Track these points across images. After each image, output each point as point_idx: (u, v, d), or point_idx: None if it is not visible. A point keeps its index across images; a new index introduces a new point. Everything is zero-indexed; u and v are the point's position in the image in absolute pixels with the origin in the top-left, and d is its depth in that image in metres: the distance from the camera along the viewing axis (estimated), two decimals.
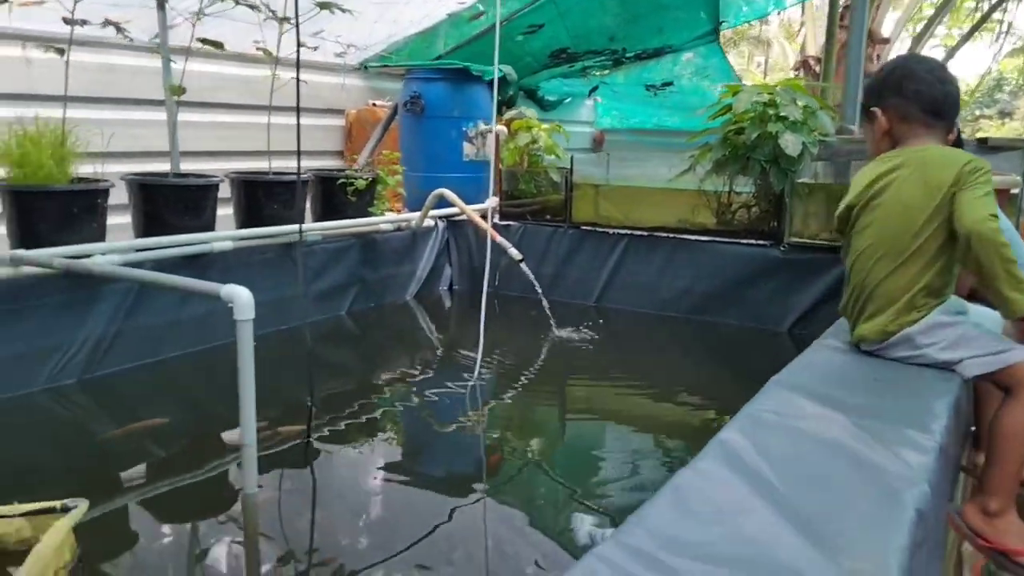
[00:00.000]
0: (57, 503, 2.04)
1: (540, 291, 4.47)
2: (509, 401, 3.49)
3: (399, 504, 2.55)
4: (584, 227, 5.11)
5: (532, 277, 4.48)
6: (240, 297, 2.32)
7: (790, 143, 4.12)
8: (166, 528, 2.36)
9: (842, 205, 2.57)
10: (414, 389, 3.58)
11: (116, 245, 3.43)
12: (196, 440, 3.01)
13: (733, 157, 4.44)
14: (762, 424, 1.91)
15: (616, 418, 3.36)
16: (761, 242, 4.57)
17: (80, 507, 2.02)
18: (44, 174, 3.22)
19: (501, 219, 5.39)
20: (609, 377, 3.93)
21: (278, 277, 4.31)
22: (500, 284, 5.41)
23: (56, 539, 1.88)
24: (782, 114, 4.20)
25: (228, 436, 2.90)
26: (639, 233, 4.92)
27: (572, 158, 5.11)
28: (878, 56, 9.88)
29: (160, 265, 3.60)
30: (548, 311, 4.45)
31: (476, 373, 3.57)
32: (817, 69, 9.73)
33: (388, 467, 2.81)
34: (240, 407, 2.38)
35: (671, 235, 4.83)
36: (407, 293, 5.27)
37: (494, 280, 5.47)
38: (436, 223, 5.35)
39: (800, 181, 4.42)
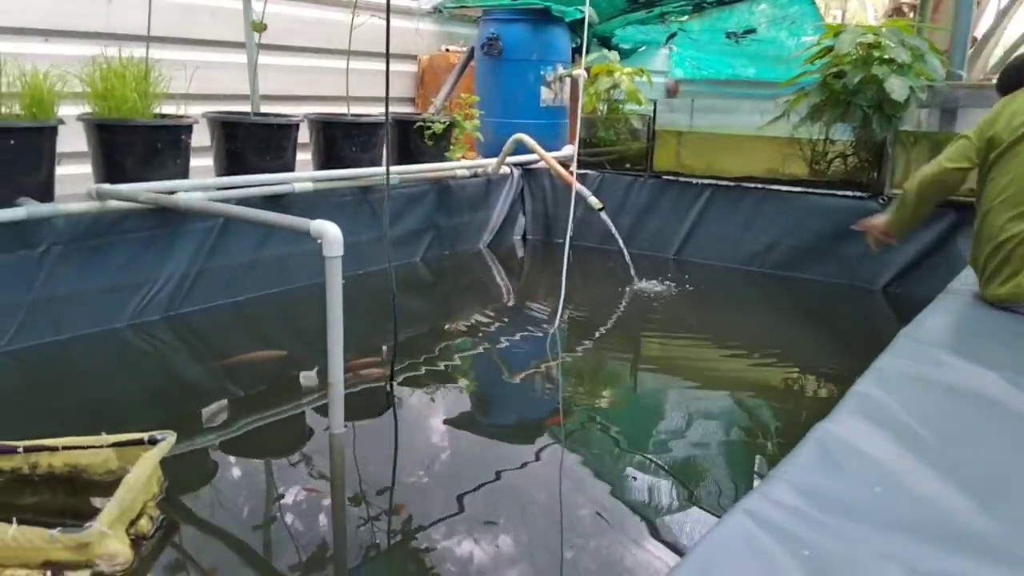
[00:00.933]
0: (145, 435, 2.00)
1: (621, 241, 4.30)
2: (584, 352, 3.37)
3: (470, 450, 2.46)
4: (665, 176, 4.92)
5: (612, 226, 4.32)
6: (329, 233, 2.24)
7: (896, 87, 3.85)
8: (250, 464, 2.32)
9: (983, 134, 2.35)
10: (489, 337, 3.49)
11: (200, 182, 3.40)
12: (277, 379, 2.97)
13: (832, 102, 4.18)
14: (901, 378, 1.75)
15: (692, 374, 3.16)
16: (858, 194, 4.32)
17: (168, 439, 1.98)
18: (128, 108, 3.17)
19: (578, 168, 5.20)
20: (688, 332, 3.75)
21: (355, 221, 4.24)
22: (575, 235, 5.26)
23: (145, 471, 1.84)
24: (888, 56, 3.93)
25: (304, 378, 2.85)
26: (724, 183, 4.71)
27: (656, 103, 4.89)
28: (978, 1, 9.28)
29: (241, 204, 3.55)
30: (629, 261, 4.29)
31: (556, 322, 3.45)
32: (911, 16, 9.19)
33: (461, 414, 2.73)
34: (328, 347, 2.30)
35: (759, 185, 4.61)
36: (481, 241, 5.17)
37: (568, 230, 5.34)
38: (511, 171, 5.21)
39: (904, 129, 4.15)
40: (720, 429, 2.64)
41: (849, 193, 4.35)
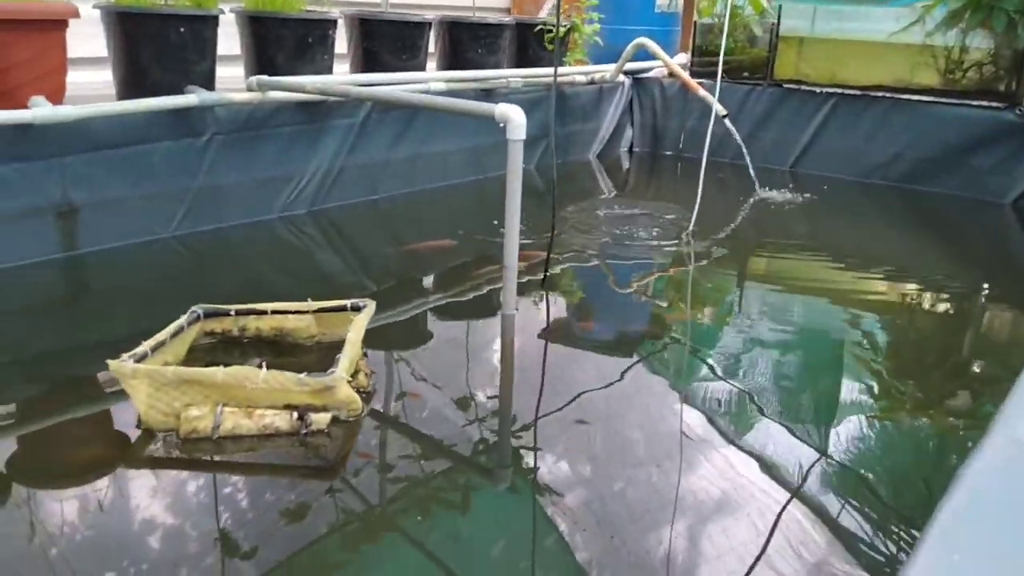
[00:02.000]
0: (347, 302, 2.12)
1: (744, 147, 4.25)
2: (709, 260, 3.26)
3: (582, 358, 2.37)
4: (786, 85, 4.81)
5: (736, 134, 4.27)
6: (514, 117, 2.28)
7: None
8: (428, 339, 2.43)
9: None
10: (605, 245, 3.42)
11: (346, 77, 3.46)
12: (443, 266, 3.07)
13: (973, 7, 4.02)
14: None
15: (809, 290, 3.05)
16: (993, 104, 4.18)
17: (370, 306, 2.09)
18: (281, 1, 3.23)
19: (692, 77, 5.12)
20: (812, 244, 3.64)
21: (478, 124, 4.27)
22: (685, 146, 5.23)
23: (359, 331, 1.95)
24: None
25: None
26: (850, 92, 4.59)
27: (780, 7, 4.75)
28: None
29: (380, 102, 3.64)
30: (751, 169, 4.24)
31: (691, 226, 3.45)
32: None
33: (572, 321, 2.68)
34: (505, 229, 2.38)
35: (886, 95, 4.48)
36: (590, 151, 5.17)
37: (677, 142, 5.30)
38: (623, 79, 5.16)
39: None
40: (832, 346, 2.54)
41: (984, 103, 4.20)
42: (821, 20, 4.76)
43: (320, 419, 1.72)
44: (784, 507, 1.58)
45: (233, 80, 3.40)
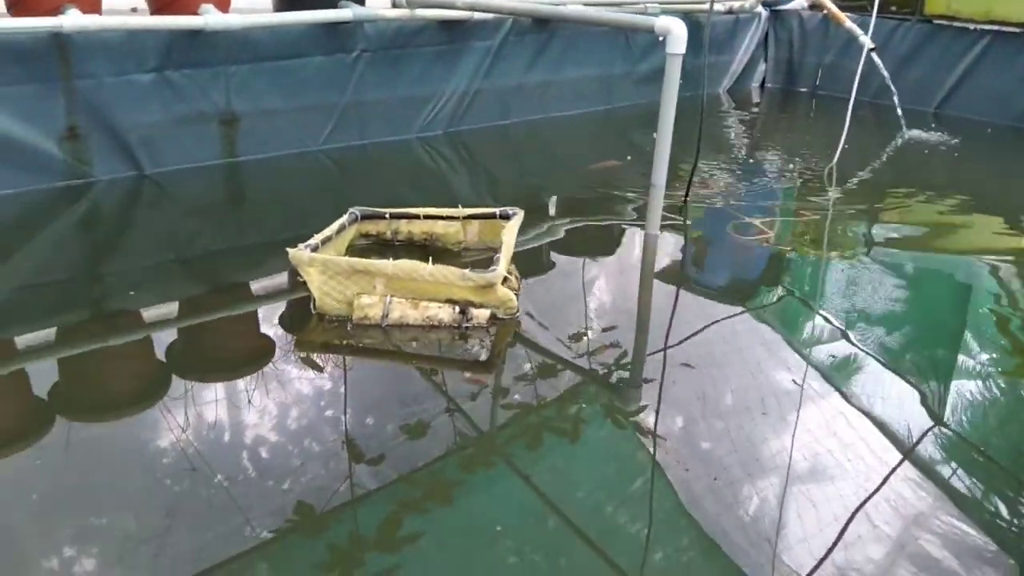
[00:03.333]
0: (496, 210, 2.19)
1: (893, 86, 4.05)
2: (841, 206, 3.10)
3: (700, 287, 2.36)
4: (937, 20, 4.53)
5: (884, 70, 4.06)
6: (675, 30, 2.26)
7: None
8: (574, 259, 2.48)
9: None
10: (746, 178, 3.37)
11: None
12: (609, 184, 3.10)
13: None
14: None
15: (938, 237, 2.86)
16: None
17: (520, 214, 2.15)
18: None
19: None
20: (952, 192, 3.32)
21: (610, 53, 4.24)
22: (822, 84, 5.03)
23: (511, 237, 2.02)
24: None
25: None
26: (1008, 30, 4.28)
27: None
28: None
29: (517, 23, 3.67)
30: (899, 107, 4.05)
31: (835, 159, 3.33)
32: None
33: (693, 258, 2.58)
34: (656, 148, 2.39)
35: None
36: (720, 85, 5.05)
37: (815, 79, 5.10)
38: (760, 11, 4.97)
39: None
40: (963, 301, 2.40)
41: None
42: None
43: (480, 315, 1.80)
44: (894, 469, 1.50)
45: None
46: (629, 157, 3.43)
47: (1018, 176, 3.73)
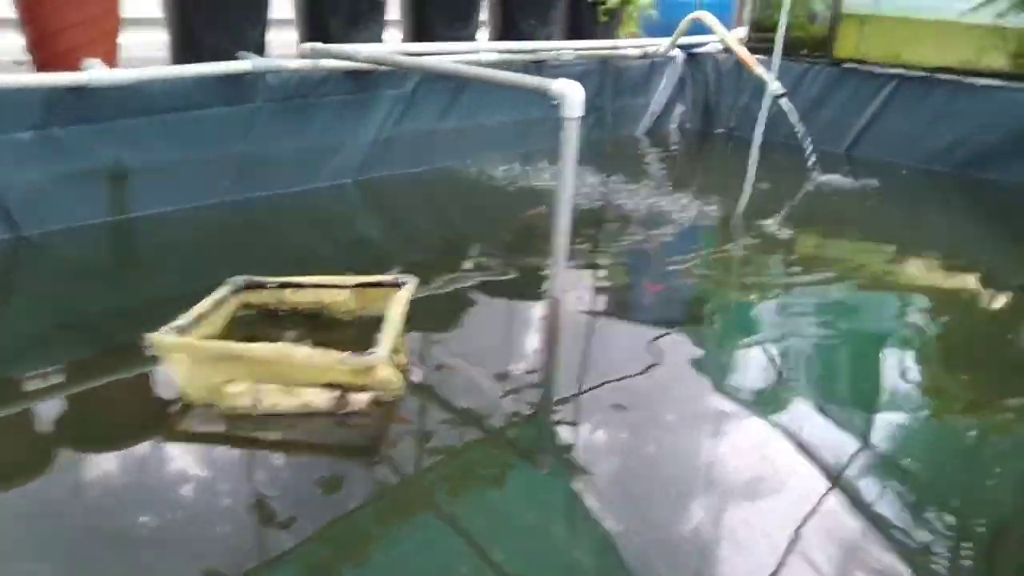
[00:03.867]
0: (388, 277, 2.11)
1: (802, 129, 4.10)
2: (755, 245, 3.18)
3: (614, 334, 2.40)
4: (846, 64, 4.64)
5: (794, 114, 4.12)
6: (570, 94, 2.23)
7: None
8: (479, 311, 2.41)
9: None
10: (653, 226, 3.32)
11: (397, 47, 3.43)
12: (452, 248, 3.06)
13: None
14: None
15: (855, 276, 2.92)
16: None
17: (413, 282, 2.07)
18: None
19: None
20: (864, 230, 3.49)
21: (527, 96, 4.21)
22: (736, 125, 5.10)
23: (401, 309, 1.94)
24: None
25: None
26: (913, 74, 4.41)
27: None
28: None
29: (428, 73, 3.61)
30: (810, 151, 4.10)
31: (743, 204, 3.36)
32: None
33: (605, 307, 2.59)
34: (554, 211, 2.34)
35: (952, 77, 4.30)
36: (639, 128, 5.07)
37: (729, 120, 5.17)
38: (677, 54, 5.03)
39: None
40: (881, 337, 2.45)
41: None
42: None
43: (359, 399, 1.72)
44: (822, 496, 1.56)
45: (283, 45, 3.39)
46: (544, 207, 3.39)
47: (928, 217, 3.83)
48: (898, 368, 2.22)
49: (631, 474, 1.63)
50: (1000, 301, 2.84)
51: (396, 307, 1.92)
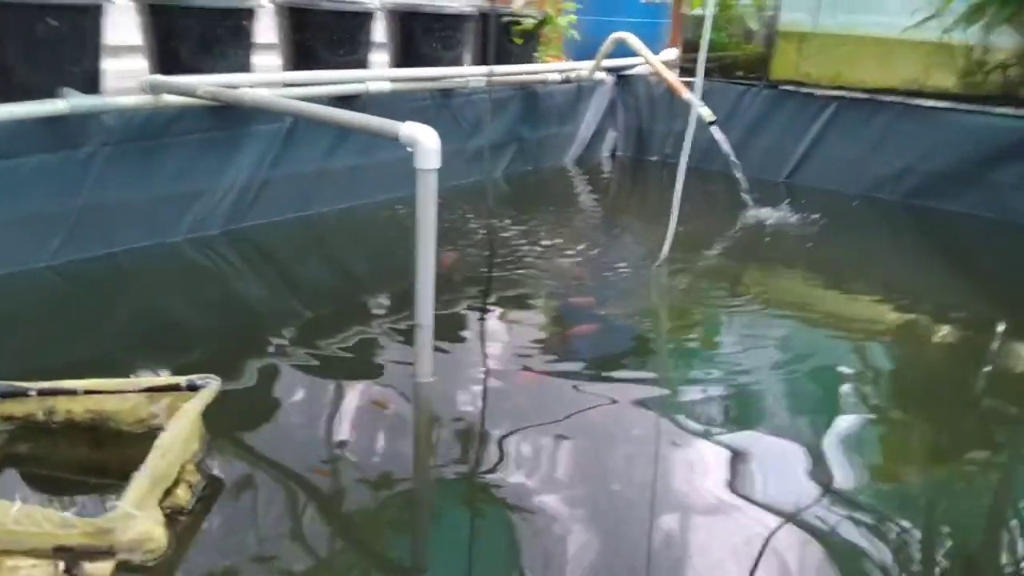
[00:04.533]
0: (183, 380, 1.65)
1: (734, 158, 3.75)
2: (683, 289, 2.90)
3: (546, 390, 2.10)
4: (784, 87, 4.31)
5: (726, 143, 3.76)
6: (424, 140, 1.81)
7: None
8: (317, 405, 1.97)
9: None
10: (578, 267, 3.02)
11: (264, 77, 2.99)
12: (346, 310, 2.62)
13: (999, 1, 3.51)
14: None
15: (805, 318, 2.70)
16: (1020, 112, 3.67)
17: (212, 386, 1.61)
18: None
19: (680, 75, 4.62)
20: (805, 268, 3.19)
21: (433, 128, 3.79)
22: (671, 152, 4.73)
23: (182, 428, 1.48)
24: None
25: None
26: (854, 96, 4.09)
27: None
28: None
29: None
30: (744, 183, 3.74)
31: (665, 250, 2.97)
32: None
33: (541, 351, 2.30)
34: (416, 279, 1.91)
35: (896, 99, 3.98)
36: (567, 157, 4.68)
37: (663, 147, 4.80)
38: (605, 77, 4.66)
39: None
40: (826, 381, 2.23)
41: (1008, 111, 3.70)
42: (826, 13, 4.24)
43: (97, 569, 1.25)
44: None
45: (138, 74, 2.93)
46: (454, 253, 2.98)
47: (872, 250, 3.49)
48: (851, 409, 2.08)
49: None
50: (953, 338, 2.59)
51: (174, 428, 1.47)
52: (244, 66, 2.99)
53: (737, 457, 1.79)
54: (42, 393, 1.63)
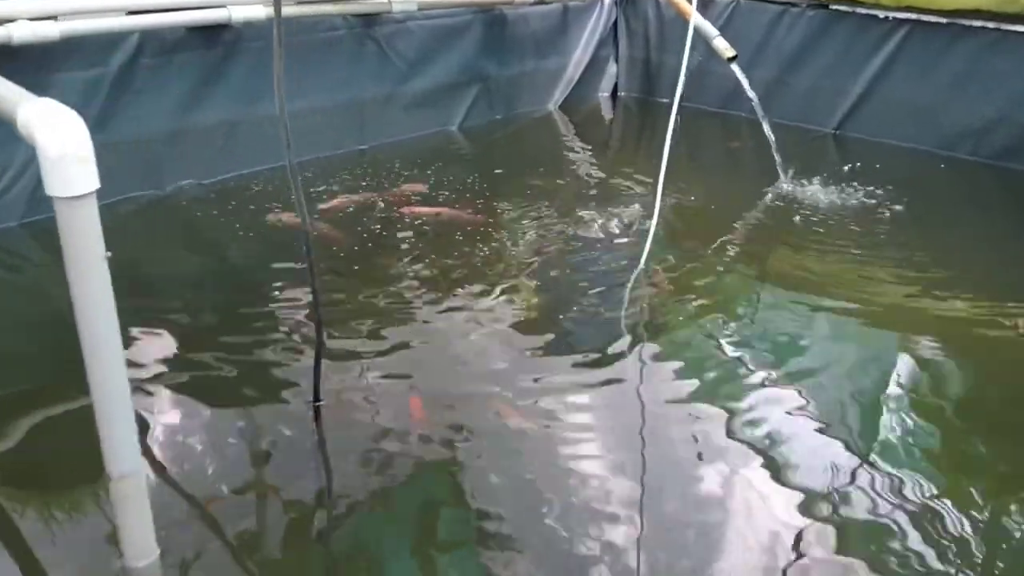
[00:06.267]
0: None
1: (763, 113, 2.81)
2: (687, 278, 2.15)
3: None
4: (835, 5, 3.26)
5: (747, 85, 2.82)
6: (54, 131, 0.88)
7: None
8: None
9: None
10: (553, 252, 2.28)
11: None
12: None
13: None
14: None
15: (849, 311, 2.05)
16: None
17: None
18: None
19: None
20: (850, 251, 2.35)
21: (352, 68, 2.87)
22: (688, 92, 3.69)
23: None
24: None
25: None
26: (929, 19, 3.05)
27: None
28: None
29: (152, 36, 2.27)
30: (773, 144, 2.77)
31: (647, 245, 2.09)
32: None
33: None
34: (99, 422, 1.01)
35: (987, 24, 2.94)
36: (550, 100, 3.74)
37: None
38: None
39: None
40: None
41: None
42: None
43: None
44: None
45: None
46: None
47: (951, 226, 2.59)
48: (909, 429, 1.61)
49: None
50: None
51: None
52: None
53: None
54: None
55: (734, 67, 2.80)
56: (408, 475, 1.39)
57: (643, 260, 2.10)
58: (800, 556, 1.25)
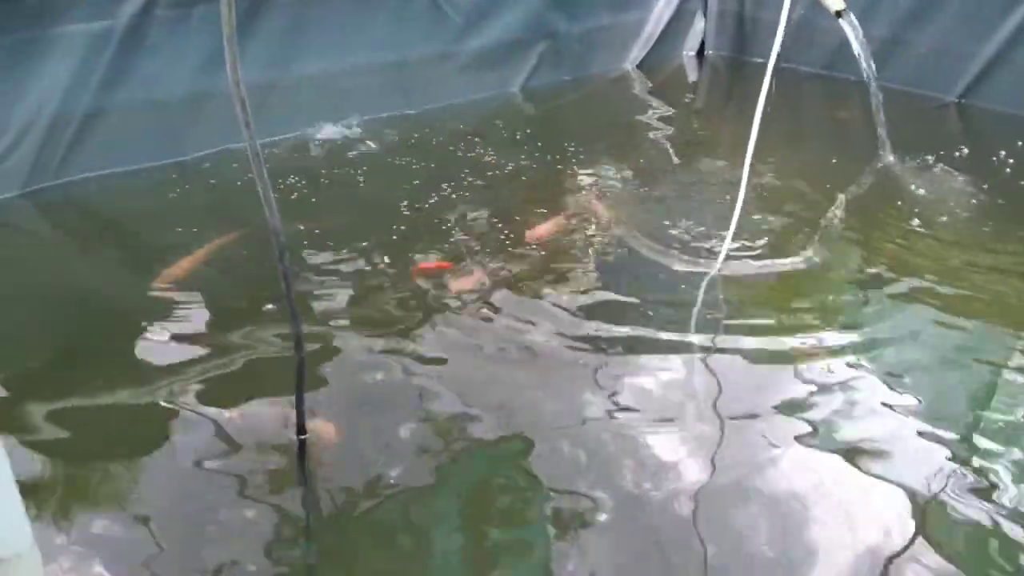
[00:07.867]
0: None
1: (870, 70, 2.47)
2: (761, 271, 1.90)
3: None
4: None
5: (858, 43, 2.49)
6: None
7: None
8: None
9: None
10: (618, 235, 2.07)
11: None
12: None
13: None
14: None
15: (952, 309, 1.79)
16: None
17: None
18: None
19: None
20: (963, 252, 2.03)
21: (399, 25, 2.74)
22: (787, 52, 3.33)
23: None
24: None
25: None
26: None
27: None
28: None
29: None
30: (880, 113, 2.41)
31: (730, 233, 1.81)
32: None
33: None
34: None
35: None
36: (627, 58, 3.43)
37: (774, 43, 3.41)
38: None
39: None
40: None
41: None
42: None
43: None
44: None
45: None
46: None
47: None
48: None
49: None
50: None
51: None
52: None
53: None
54: None
55: (842, 22, 2.52)
56: None
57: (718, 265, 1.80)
58: None
